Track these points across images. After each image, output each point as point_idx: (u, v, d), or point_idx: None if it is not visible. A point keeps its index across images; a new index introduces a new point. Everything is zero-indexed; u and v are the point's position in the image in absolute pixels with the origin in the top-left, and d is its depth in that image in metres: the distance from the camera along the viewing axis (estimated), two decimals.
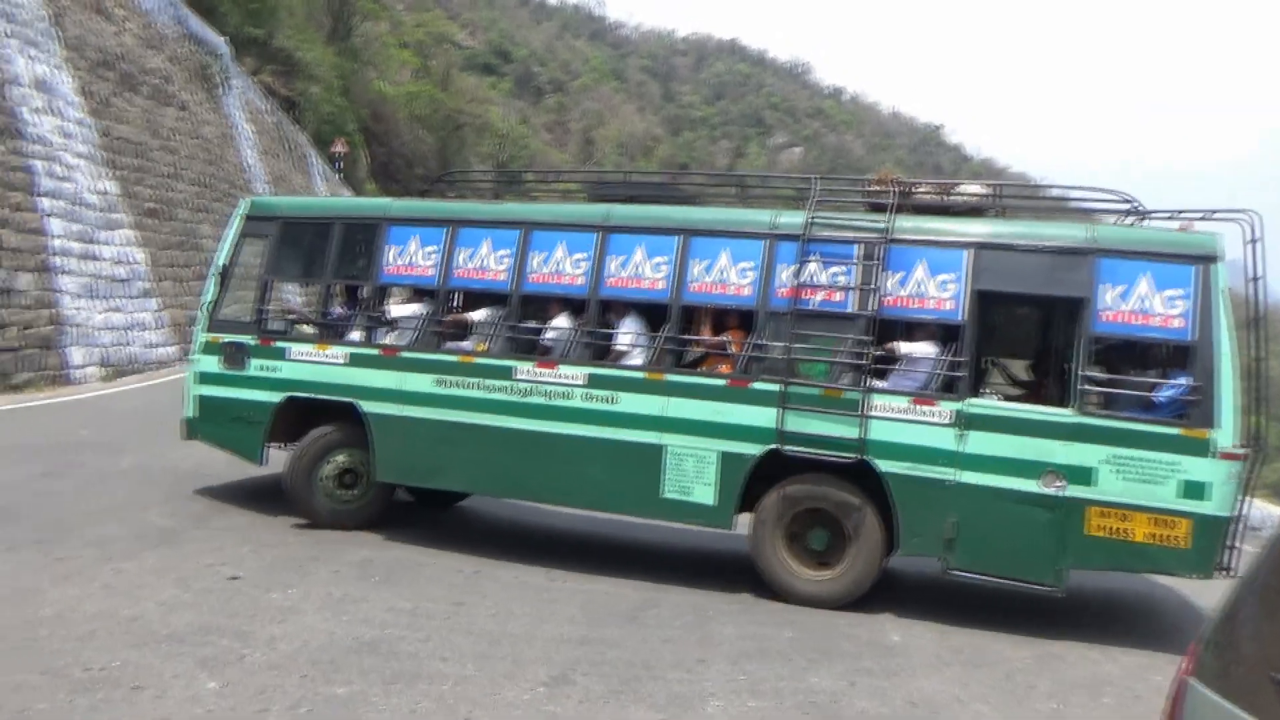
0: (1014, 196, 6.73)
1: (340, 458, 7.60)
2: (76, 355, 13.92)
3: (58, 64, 15.57)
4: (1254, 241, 6.10)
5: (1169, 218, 6.60)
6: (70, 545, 6.44)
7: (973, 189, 7.21)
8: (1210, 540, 5.83)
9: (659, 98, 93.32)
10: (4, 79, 13.93)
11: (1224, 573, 6.04)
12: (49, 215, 14.05)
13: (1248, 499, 6.05)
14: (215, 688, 4.31)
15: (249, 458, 7.84)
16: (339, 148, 36.01)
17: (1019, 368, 8.04)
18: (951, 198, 7.10)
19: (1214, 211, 6.37)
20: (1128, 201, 6.68)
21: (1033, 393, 7.06)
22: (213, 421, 7.88)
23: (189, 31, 22.75)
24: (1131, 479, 5.86)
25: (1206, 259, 5.92)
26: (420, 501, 8.97)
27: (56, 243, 14.09)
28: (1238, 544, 5.98)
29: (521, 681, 4.70)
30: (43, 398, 12.59)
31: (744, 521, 6.75)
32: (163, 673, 4.44)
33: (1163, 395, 6.02)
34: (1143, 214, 6.70)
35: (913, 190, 7.04)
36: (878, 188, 6.95)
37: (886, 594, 6.82)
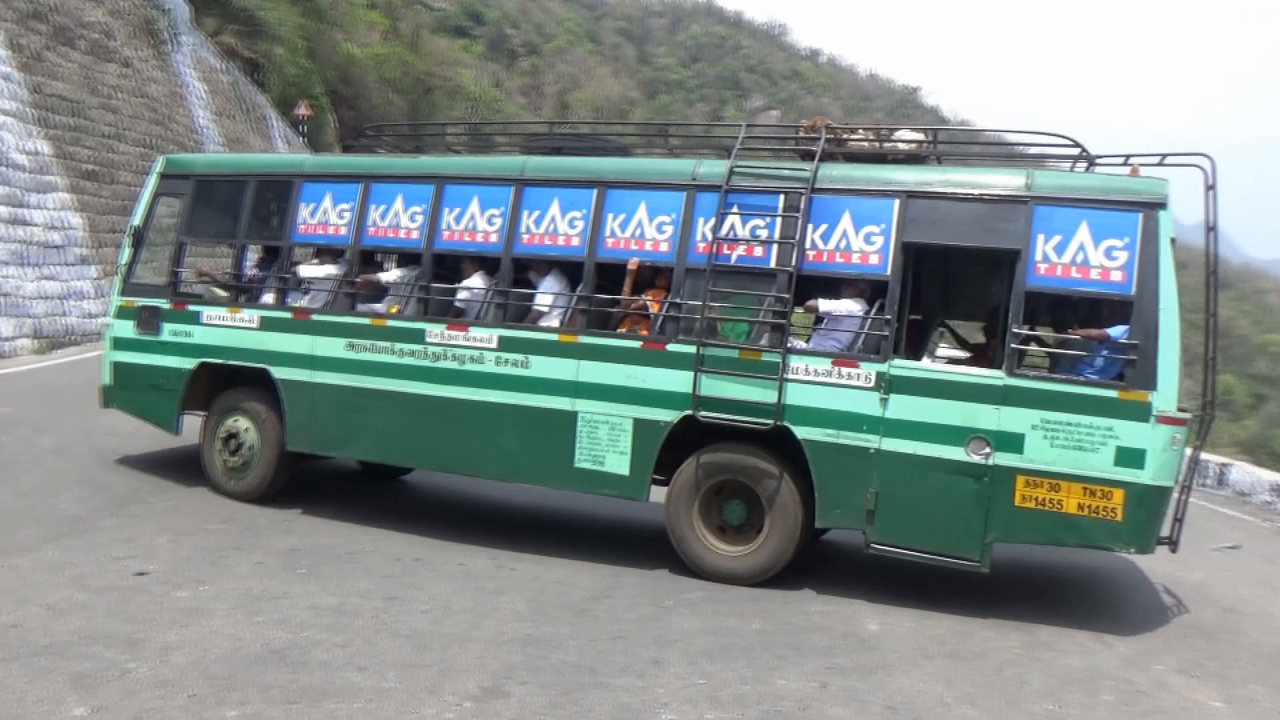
0: (953, 142, 6.35)
1: (230, 421, 7.31)
2: (6, 327, 13.08)
3: None
4: (1211, 189, 5.71)
5: (1121, 163, 6.14)
6: None
7: (908, 135, 6.78)
8: (1147, 512, 5.44)
9: (635, 60, 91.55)
10: None
11: (1169, 548, 5.74)
12: None
13: (1195, 464, 5.73)
14: (82, 715, 3.67)
15: (164, 426, 7.58)
16: (302, 110, 34.93)
17: (964, 329, 7.68)
18: (887, 145, 6.67)
19: (1166, 155, 5.97)
20: (1075, 146, 6.23)
21: (978, 356, 6.65)
22: (128, 389, 7.66)
23: None
24: (1063, 445, 5.46)
25: (1150, 206, 5.46)
26: (366, 473, 8.55)
27: None
28: (1183, 517, 5.66)
29: (446, 695, 4.10)
30: None
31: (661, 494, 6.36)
32: (25, 696, 3.80)
33: (1097, 355, 5.62)
34: (1091, 160, 6.26)
35: (846, 137, 6.59)
36: (809, 134, 6.51)
37: (863, 577, 6.34)
